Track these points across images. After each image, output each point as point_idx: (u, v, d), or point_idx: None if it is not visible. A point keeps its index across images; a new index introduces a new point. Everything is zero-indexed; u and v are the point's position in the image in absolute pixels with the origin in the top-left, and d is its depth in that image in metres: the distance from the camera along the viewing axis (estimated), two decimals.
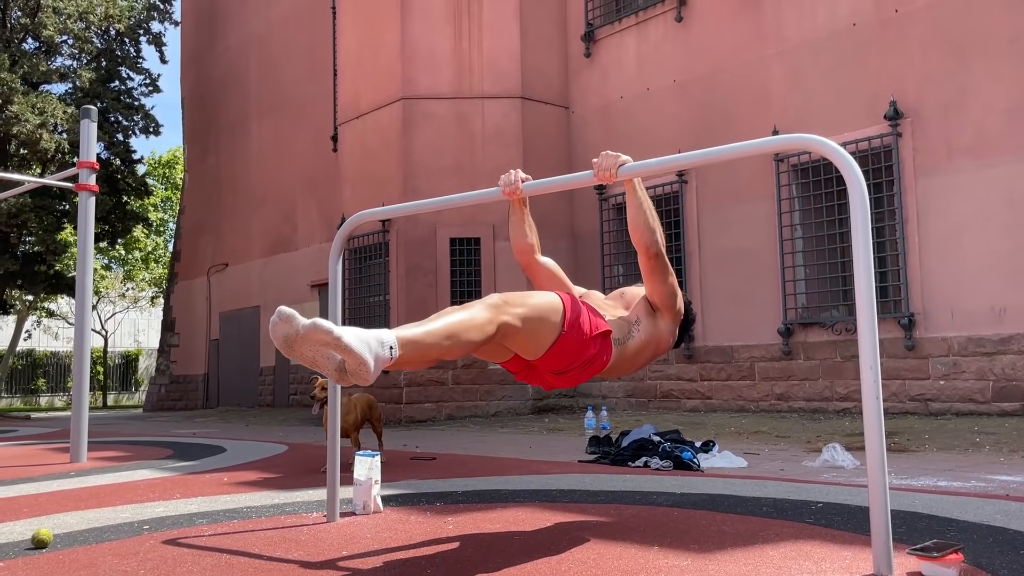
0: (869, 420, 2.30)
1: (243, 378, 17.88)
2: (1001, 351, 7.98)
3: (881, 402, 2.30)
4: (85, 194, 6.86)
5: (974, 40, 8.33)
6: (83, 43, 16.74)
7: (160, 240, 32.49)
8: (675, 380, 10.59)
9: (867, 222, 2.43)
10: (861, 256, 2.41)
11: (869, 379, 2.26)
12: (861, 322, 2.31)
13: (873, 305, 2.40)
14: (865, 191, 2.42)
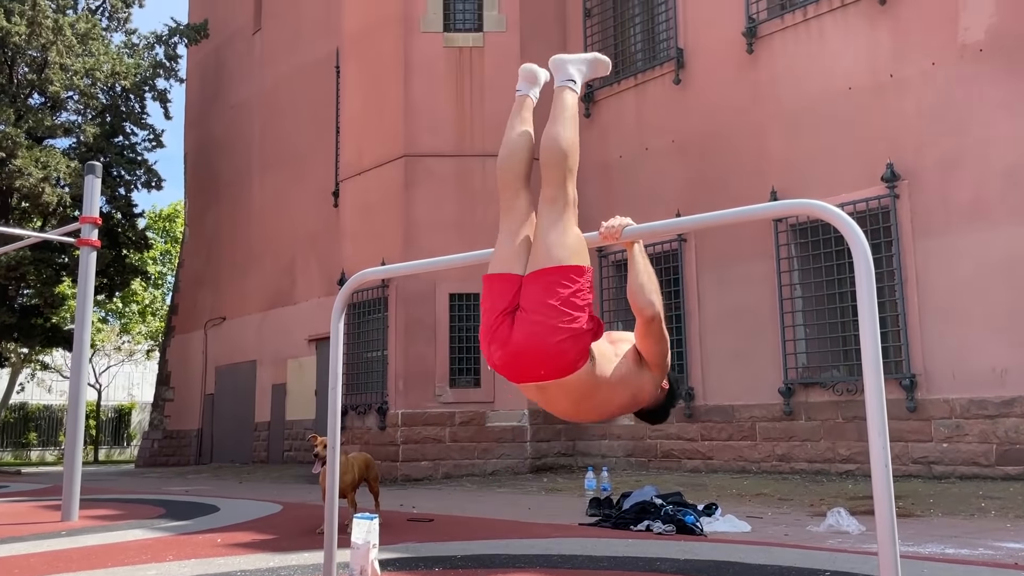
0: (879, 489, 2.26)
1: (237, 433, 17.70)
2: (1004, 413, 7.92)
3: (890, 470, 2.27)
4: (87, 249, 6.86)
5: (968, 104, 8.45)
6: (89, 99, 16.97)
7: (158, 293, 32.48)
8: (676, 440, 10.48)
9: (872, 288, 2.42)
10: (867, 321, 2.40)
11: (878, 445, 2.23)
12: (868, 387, 2.29)
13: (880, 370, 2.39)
14: (869, 257, 2.42)
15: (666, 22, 11.35)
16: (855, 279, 2.46)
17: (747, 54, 10.29)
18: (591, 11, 12.16)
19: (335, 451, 3.42)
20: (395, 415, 11.18)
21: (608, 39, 12.05)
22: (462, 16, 11.97)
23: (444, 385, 11.20)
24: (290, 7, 17.57)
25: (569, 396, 2.60)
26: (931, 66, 8.75)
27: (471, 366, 11.31)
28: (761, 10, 10.22)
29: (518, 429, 11.13)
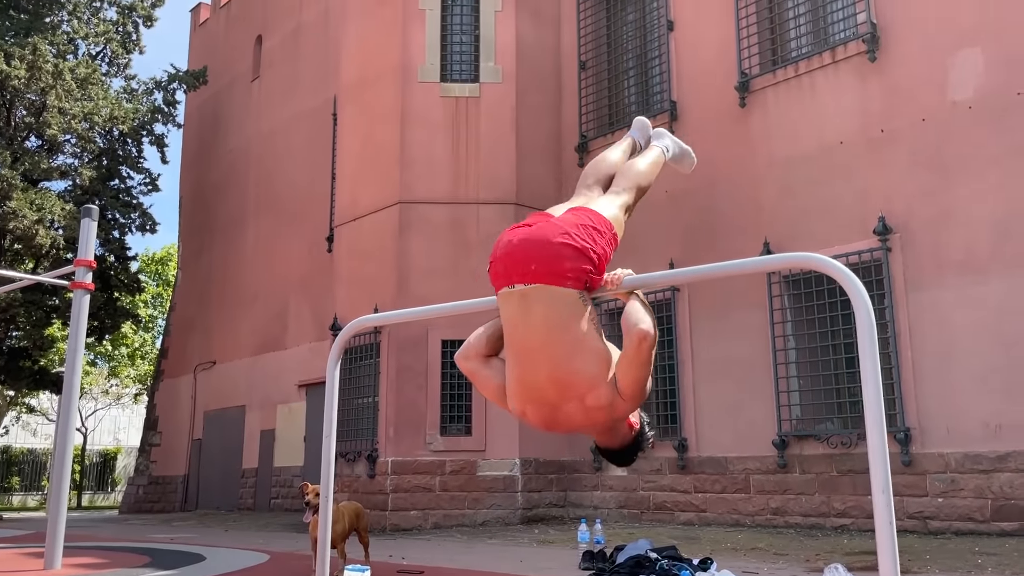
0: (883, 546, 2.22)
1: (224, 480, 17.45)
2: (998, 468, 7.88)
3: (895, 528, 2.24)
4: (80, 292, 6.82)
5: (959, 160, 8.56)
6: (86, 142, 17.07)
7: (148, 337, 32.30)
8: (668, 491, 10.38)
9: (874, 342, 2.42)
10: (869, 376, 2.39)
11: (881, 503, 2.21)
12: (872, 443, 2.28)
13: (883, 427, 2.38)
14: (871, 311, 2.42)
15: (659, 75, 11.53)
16: (857, 333, 2.46)
17: (740, 107, 10.44)
18: (586, 64, 12.35)
19: (328, 500, 3.36)
20: (385, 463, 11.05)
21: (603, 91, 12.22)
22: (459, 67, 12.13)
23: (435, 433, 11.10)
24: (289, 56, 17.80)
25: (557, 384, 2.60)
26: (921, 122, 8.88)
27: (462, 414, 11.23)
28: (753, 65, 10.39)
29: (509, 479, 11.00)
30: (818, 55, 9.83)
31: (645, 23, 12.07)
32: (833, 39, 9.91)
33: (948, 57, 8.75)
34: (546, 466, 11.30)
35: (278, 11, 18.42)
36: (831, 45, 9.79)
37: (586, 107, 12.20)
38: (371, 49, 12.50)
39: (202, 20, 21.34)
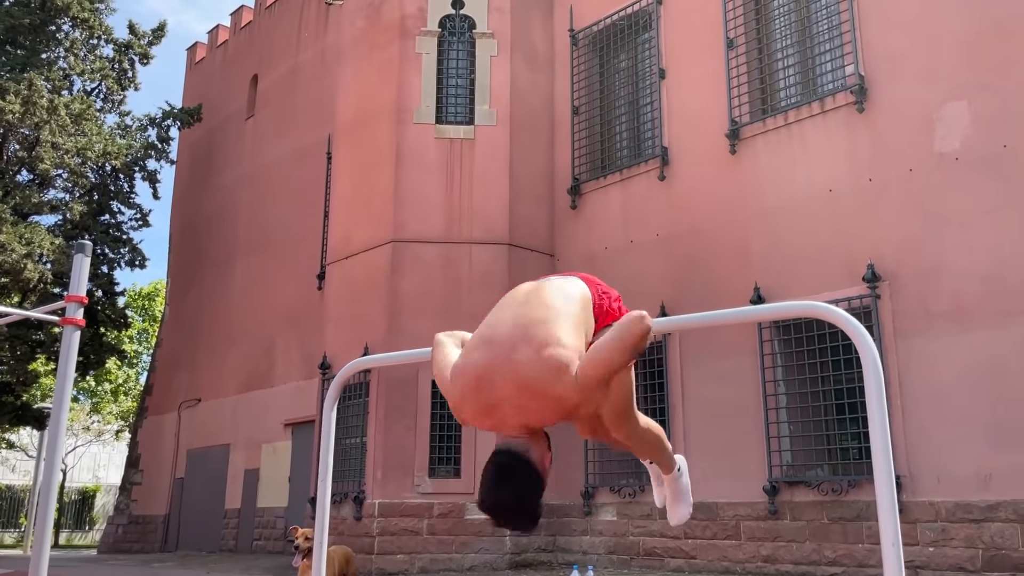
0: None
1: (206, 520, 17.16)
2: (989, 518, 7.86)
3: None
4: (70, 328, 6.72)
5: (946, 209, 8.68)
6: (78, 177, 17.06)
7: (132, 373, 31.97)
8: (658, 537, 10.28)
9: (881, 394, 2.44)
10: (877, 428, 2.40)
11: (891, 555, 2.20)
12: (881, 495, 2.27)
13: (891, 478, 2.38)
14: (878, 361, 2.44)
15: (651, 121, 11.67)
16: (864, 383, 2.48)
17: (730, 154, 10.56)
18: (579, 108, 12.50)
19: (322, 546, 3.32)
20: (372, 505, 10.92)
21: (595, 136, 12.36)
22: (454, 109, 12.26)
23: (423, 475, 10.99)
24: (284, 96, 17.94)
25: (520, 328, 2.31)
26: (909, 172, 9.01)
27: (452, 455, 11.13)
28: (744, 113, 10.54)
29: None
30: (807, 105, 10.00)
31: (637, 70, 12.26)
32: (822, 90, 10.08)
33: (935, 109, 8.91)
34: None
35: (275, 52, 18.60)
36: (820, 95, 9.96)
37: (579, 151, 12.32)
38: (367, 90, 12.63)
39: (198, 58, 21.52)
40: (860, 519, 8.66)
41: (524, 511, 2.20)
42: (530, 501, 2.20)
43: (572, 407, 2.26)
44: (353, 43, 13.14)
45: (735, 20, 10.76)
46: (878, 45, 9.45)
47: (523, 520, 2.22)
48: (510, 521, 2.24)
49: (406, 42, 12.40)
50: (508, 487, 2.19)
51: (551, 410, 2.26)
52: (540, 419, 2.27)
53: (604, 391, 2.31)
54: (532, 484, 2.21)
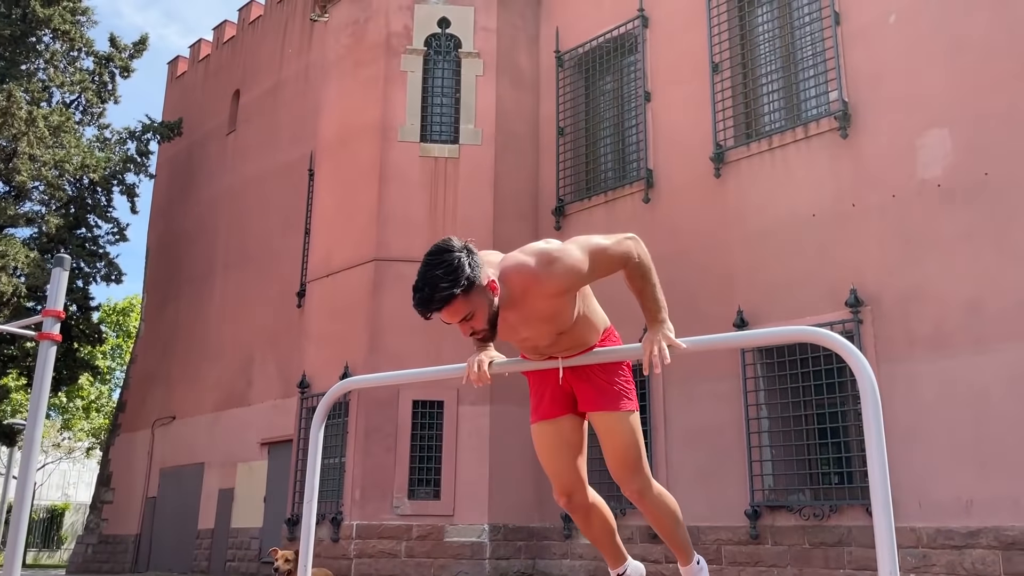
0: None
1: (179, 540, 16.86)
2: (970, 544, 7.86)
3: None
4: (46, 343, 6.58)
5: (928, 235, 8.74)
6: (55, 190, 16.85)
7: (105, 389, 31.49)
8: (640, 561, 10.17)
9: (879, 419, 2.41)
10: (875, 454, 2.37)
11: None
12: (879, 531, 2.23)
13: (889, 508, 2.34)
14: (876, 387, 2.41)
15: (636, 143, 11.71)
16: (861, 410, 2.45)
17: (715, 178, 10.61)
18: (564, 129, 12.52)
19: (307, 569, 3.23)
20: (350, 526, 10.76)
21: (580, 156, 12.38)
22: (439, 128, 12.25)
23: (403, 496, 10.86)
24: (266, 111, 17.85)
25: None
26: (892, 198, 9.08)
27: (431, 477, 11.01)
28: (728, 137, 10.60)
29: (477, 545, 10.75)
30: (791, 130, 10.07)
31: (623, 93, 12.31)
32: (806, 115, 10.16)
33: (917, 136, 9.01)
34: (515, 532, 11.07)
35: (258, 67, 18.53)
36: (804, 121, 10.04)
37: (564, 172, 12.33)
38: (352, 107, 12.58)
39: (179, 72, 21.39)
40: (841, 544, 8.63)
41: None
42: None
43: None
44: (338, 60, 13.11)
45: (720, 44, 10.85)
46: (862, 72, 9.55)
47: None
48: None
49: (391, 60, 12.39)
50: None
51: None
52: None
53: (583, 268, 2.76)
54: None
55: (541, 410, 3.16)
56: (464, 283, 2.59)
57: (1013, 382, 7.92)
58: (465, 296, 2.62)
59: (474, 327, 2.72)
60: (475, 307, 2.67)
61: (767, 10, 10.92)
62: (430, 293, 2.60)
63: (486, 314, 2.70)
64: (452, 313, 2.65)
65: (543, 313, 2.85)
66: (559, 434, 3.14)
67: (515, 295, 2.77)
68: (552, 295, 2.79)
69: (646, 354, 2.82)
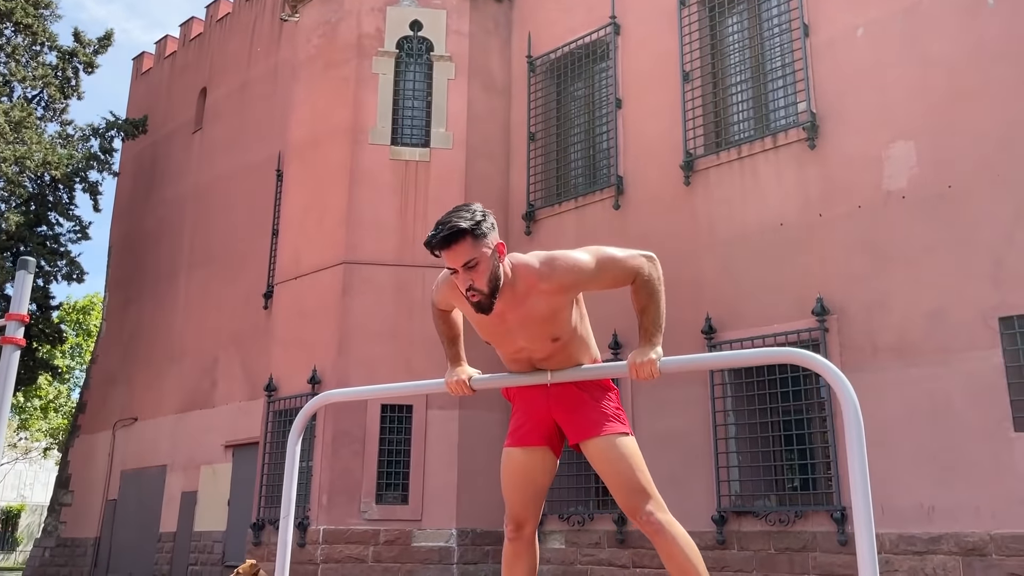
0: None
1: (139, 544, 16.60)
2: (931, 550, 8.02)
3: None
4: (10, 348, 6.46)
5: (893, 246, 8.90)
6: (15, 187, 16.48)
7: (63, 388, 30.89)
8: (607, 566, 10.26)
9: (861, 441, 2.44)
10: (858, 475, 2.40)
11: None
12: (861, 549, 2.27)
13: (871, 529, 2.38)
14: (858, 408, 2.45)
15: (607, 150, 11.77)
16: (845, 430, 2.48)
17: (684, 185, 10.70)
18: (535, 135, 12.54)
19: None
20: (316, 531, 10.68)
21: (551, 162, 12.41)
22: (410, 131, 12.21)
23: (370, 501, 10.80)
24: (234, 110, 17.64)
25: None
26: (858, 209, 9.23)
27: (399, 481, 10.97)
28: (698, 145, 10.69)
29: (445, 550, 10.73)
30: (760, 140, 10.19)
31: (594, 99, 12.37)
32: (775, 125, 10.29)
33: (883, 148, 9.16)
34: (483, 537, 11.07)
35: (225, 65, 18.31)
36: (772, 131, 10.17)
37: (534, 177, 12.35)
38: (321, 109, 12.49)
39: (144, 69, 21.06)
40: (806, 550, 8.76)
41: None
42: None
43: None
44: (308, 61, 13.00)
45: (691, 54, 10.95)
46: (829, 84, 9.70)
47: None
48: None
49: (363, 62, 12.32)
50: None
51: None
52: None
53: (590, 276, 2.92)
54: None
55: (519, 435, 3.12)
56: (477, 226, 2.73)
57: (974, 391, 8.10)
58: (474, 240, 2.72)
59: (474, 280, 2.75)
60: (480, 257, 2.74)
61: (738, 20, 11.04)
62: (442, 227, 2.73)
63: (488, 271, 2.76)
64: (458, 253, 2.72)
65: (542, 312, 2.88)
66: (529, 465, 3.08)
67: (518, 290, 2.84)
68: (552, 291, 2.85)
69: (632, 367, 2.83)
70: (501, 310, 2.84)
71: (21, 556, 29.04)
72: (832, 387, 2.43)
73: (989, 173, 8.42)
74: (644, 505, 2.91)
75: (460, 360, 3.17)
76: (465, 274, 2.74)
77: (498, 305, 2.81)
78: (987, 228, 8.35)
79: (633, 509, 2.92)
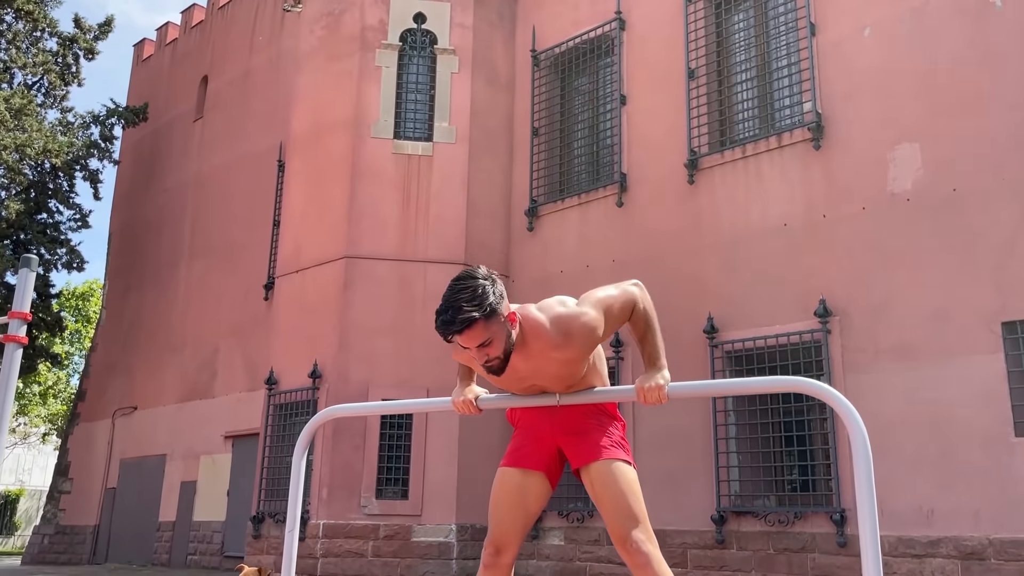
0: None
1: (138, 532, 16.64)
2: (930, 553, 8.04)
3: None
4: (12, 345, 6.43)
5: (896, 249, 8.88)
6: (15, 174, 16.41)
7: (62, 374, 30.90)
8: (606, 563, 10.28)
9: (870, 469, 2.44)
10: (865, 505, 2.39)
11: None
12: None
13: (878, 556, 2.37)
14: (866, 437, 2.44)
15: (611, 147, 11.72)
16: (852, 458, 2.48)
17: (688, 184, 10.67)
18: (538, 130, 12.49)
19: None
20: (316, 526, 10.70)
21: (554, 158, 12.37)
22: (413, 125, 12.15)
23: (370, 496, 10.82)
24: (235, 99, 17.56)
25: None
26: (862, 210, 9.21)
27: (400, 476, 10.98)
28: (703, 144, 10.65)
29: (444, 545, 10.76)
30: (765, 139, 10.15)
31: (598, 95, 12.31)
32: (780, 125, 10.25)
33: (888, 150, 9.13)
34: (482, 532, 11.09)
35: (227, 53, 18.21)
36: (777, 131, 10.13)
37: (537, 172, 12.31)
38: (324, 101, 12.43)
39: (145, 56, 20.95)
40: (805, 551, 8.78)
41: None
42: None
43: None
44: (311, 52, 12.93)
45: (697, 51, 10.89)
46: (835, 84, 9.65)
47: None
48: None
49: (366, 54, 12.25)
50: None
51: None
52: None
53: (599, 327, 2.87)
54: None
55: (517, 456, 3.08)
56: (487, 309, 2.69)
57: (975, 395, 8.10)
58: (486, 322, 2.70)
59: (490, 354, 2.77)
60: (494, 335, 2.74)
61: (744, 17, 10.98)
62: (453, 316, 2.68)
63: (503, 343, 2.77)
64: (471, 337, 2.71)
65: (555, 373, 2.91)
66: (524, 488, 3.03)
67: (530, 348, 2.83)
68: (568, 361, 2.86)
69: (640, 391, 2.83)
70: (513, 364, 2.86)
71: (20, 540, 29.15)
72: (841, 418, 2.42)
73: (994, 177, 8.40)
74: (633, 531, 2.86)
75: (469, 379, 3.16)
76: (481, 350, 2.76)
77: (511, 361, 2.83)
78: (991, 232, 8.33)
79: (623, 536, 2.87)
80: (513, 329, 2.78)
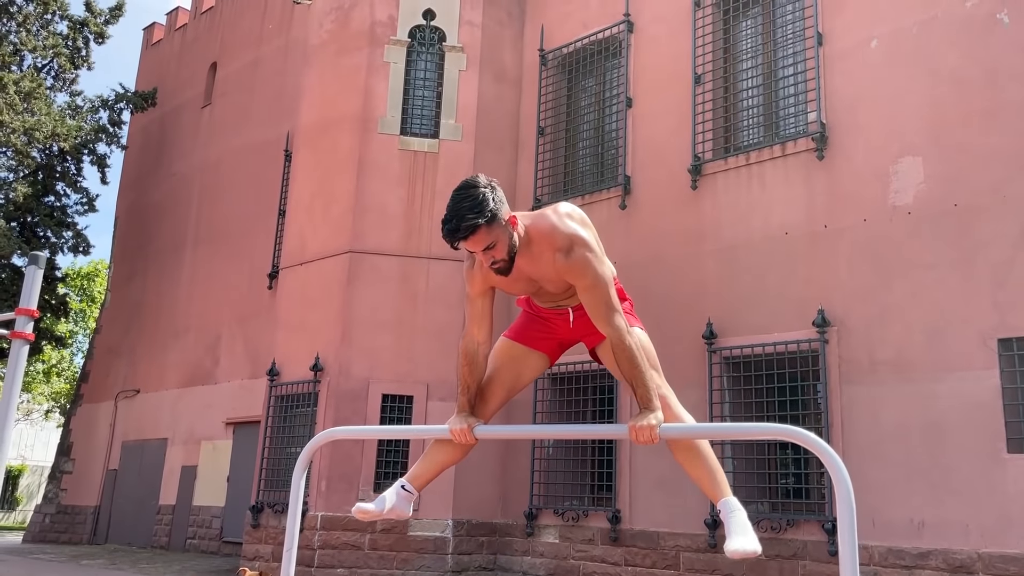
0: None
1: (139, 514, 16.84)
2: (920, 565, 8.15)
3: None
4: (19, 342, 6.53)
5: (896, 261, 8.94)
6: (23, 157, 16.51)
7: (66, 353, 31.09)
8: (599, 562, 10.41)
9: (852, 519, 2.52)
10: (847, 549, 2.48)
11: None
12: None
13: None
14: (850, 491, 2.52)
15: (616, 149, 11.77)
16: (837, 510, 2.56)
17: (691, 189, 10.71)
18: (544, 129, 12.54)
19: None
20: (314, 517, 10.84)
21: (559, 158, 12.41)
22: (419, 122, 12.20)
23: (369, 489, 10.93)
24: (243, 87, 17.62)
25: None
26: (863, 222, 9.25)
27: (398, 471, 11.08)
28: (707, 150, 10.69)
29: (440, 540, 10.90)
30: (769, 147, 10.18)
31: (605, 96, 12.34)
32: (784, 133, 10.29)
33: (891, 162, 9.17)
34: (478, 528, 11.24)
35: (236, 40, 18.25)
36: (781, 139, 10.16)
37: (542, 172, 12.36)
38: (332, 95, 12.47)
39: (155, 40, 20.99)
40: (796, 558, 8.89)
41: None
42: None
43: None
44: (320, 45, 12.97)
45: (704, 56, 10.91)
46: (841, 95, 9.68)
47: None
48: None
49: (374, 50, 12.29)
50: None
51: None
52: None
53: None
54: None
55: (527, 335, 3.39)
56: (488, 215, 2.88)
57: (969, 411, 8.18)
58: (488, 227, 2.89)
59: (495, 256, 2.97)
60: (497, 238, 2.93)
61: (751, 24, 10.99)
62: (457, 223, 2.88)
63: (506, 245, 2.97)
64: (476, 242, 2.91)
65: (554, 276, 3.13)
66: (524, 361, 3.38)
67: (533, 250, 3.06)
68: (562, 270, 3.09)
69: (632, 430, 2.96)
70: (518, 266, 3.08)
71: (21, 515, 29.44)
72: (827, 469, 2.50)
73: (996, 193, 8.44)
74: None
75: (466, 408, 3.27)
76: (487, 253, 2.96)
77: (516, 262, 3.05)
78: (991, 248, 8.38)
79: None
80: (515, 231, 2.98)
